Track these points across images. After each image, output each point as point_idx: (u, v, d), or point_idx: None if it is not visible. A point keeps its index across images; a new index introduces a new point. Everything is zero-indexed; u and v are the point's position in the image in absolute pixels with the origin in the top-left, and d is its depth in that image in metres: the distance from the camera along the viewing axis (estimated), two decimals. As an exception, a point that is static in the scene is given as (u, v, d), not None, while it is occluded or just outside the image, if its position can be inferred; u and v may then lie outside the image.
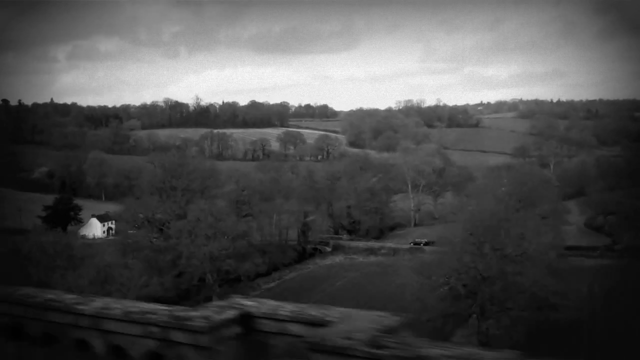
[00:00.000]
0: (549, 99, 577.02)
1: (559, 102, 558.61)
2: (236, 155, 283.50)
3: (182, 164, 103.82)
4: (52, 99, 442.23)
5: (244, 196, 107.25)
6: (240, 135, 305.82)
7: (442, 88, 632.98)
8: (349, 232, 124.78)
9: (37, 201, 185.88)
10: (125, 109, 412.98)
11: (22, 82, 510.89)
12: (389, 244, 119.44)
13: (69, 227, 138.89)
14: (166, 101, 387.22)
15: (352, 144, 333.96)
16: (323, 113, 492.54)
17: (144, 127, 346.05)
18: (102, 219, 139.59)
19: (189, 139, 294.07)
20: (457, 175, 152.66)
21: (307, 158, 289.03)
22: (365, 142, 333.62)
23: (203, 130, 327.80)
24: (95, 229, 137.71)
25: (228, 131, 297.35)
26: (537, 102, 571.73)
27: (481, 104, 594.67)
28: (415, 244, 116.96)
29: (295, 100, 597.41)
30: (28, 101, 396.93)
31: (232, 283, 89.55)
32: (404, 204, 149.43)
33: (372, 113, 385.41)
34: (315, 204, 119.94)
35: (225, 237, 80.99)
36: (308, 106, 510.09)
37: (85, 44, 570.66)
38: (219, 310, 4.84)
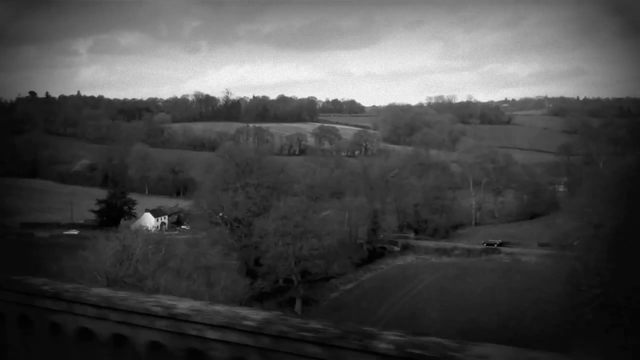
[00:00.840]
0: (574, 97, 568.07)
1: (585, 100, 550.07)
2: (272, 150, 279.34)
3: (255, 158, 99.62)
4: (78, 92, 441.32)
5: (316, 192, 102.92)
6: (273, 130, 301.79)
7: (462, 85, 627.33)
8: (415, 231, 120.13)
9: (81, 194, 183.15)
10: (153, 102, 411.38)
11: (44, 75, 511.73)
12: (460, 243, 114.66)
13: (122, 222, 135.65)
14: (197, 95, 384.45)
15: (386, 139, 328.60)
16: (350, 108, 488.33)
17: (174, 121, 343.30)
18: (156, 213, 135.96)
19: (224, 133, 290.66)
20: (518, 174, 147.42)
21: (344, 153, 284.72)
22: (400, 138, 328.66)
23: (235, 124, 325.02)
24: (149, 223, 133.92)
25: (264, 125, 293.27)
26: (563, 100, 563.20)
27: (506, 101, 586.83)
28: (489, 244, 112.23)
29: (316, 95, 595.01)
30: (52, 94, 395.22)
31: (311, 284, 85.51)
32: (462, 202, 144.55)
33: (405, 109, 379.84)
34: (379, 201, 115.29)
35: (313, 236, 76.64)
36: (335, 101, 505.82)
37: (106, 37, 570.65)
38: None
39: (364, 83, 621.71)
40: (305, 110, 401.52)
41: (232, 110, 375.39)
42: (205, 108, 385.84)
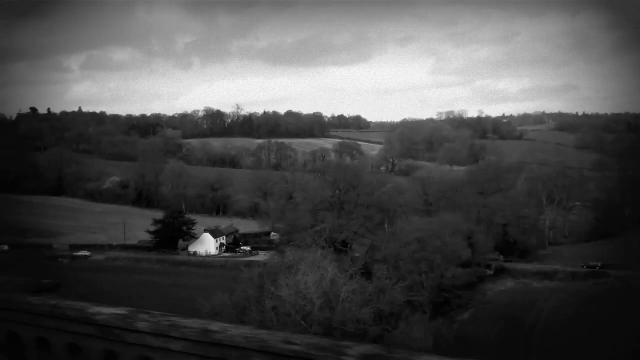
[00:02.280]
0: (569, 112, 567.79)
1: (584, 115, 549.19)
2: (295, 165, 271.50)
3: (354, 174, 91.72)
4: (80, 108, 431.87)
5: (407, 210, 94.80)
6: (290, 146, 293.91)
7: (453, 101, 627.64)
8: (502, 252, 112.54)
9: (115, 212, 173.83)
10: (156, 117, 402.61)
11: (34, 92, 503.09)
12: (557, 266, 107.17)
13: (180, 243, 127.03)
14: (207, 110, 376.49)
15: (403, 155, 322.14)
16: (357, 124, 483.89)
17: (184, 137, 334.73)
18: (214, 233, 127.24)
19: (244, 149, 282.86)
20: (589, 190, 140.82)
21: (369, 170, 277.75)
22: (418, 154, 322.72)
23: (248, 140, 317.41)
24: (208, 245, 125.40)
25: (278, 140, 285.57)
26: (561, 115, 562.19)
27: (504, 117, 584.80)
28: (589, 266, 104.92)
29: (307, 111, 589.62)
30: (43, 110, 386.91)
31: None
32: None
33: (420, 124, 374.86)
34: (473, 220, 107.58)
35: (452, 263, 68.72)
36: (341, 117, 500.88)
37: (98, 53, 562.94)
38: None
39: (356, 98, 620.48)
40: (316, 125, 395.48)
41: (244, 125, 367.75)
42: (214, 123, 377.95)
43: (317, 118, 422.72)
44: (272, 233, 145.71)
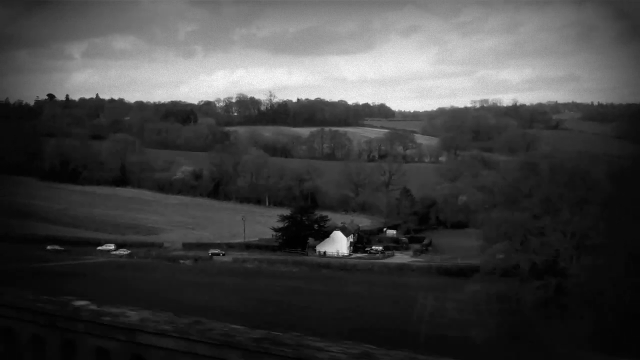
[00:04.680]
0: (588, 102, 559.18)
1: (599, 105, 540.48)
2: (349, 155, 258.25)
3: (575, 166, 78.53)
4: (97, 95, 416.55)
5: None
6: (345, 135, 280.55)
7: (456, 91, 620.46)
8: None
9: (195, 206, 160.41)
10: (175, 104, 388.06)
11: (36, 80, 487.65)
12: None
13: (309, 242, 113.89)
14: (240, 97, 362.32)
15: (447, 145, 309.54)
16: (381, 112, 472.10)
17: (218, 124, 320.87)
18: (346, 232, 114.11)
19: (295, 137, 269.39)
20: None
21: (427, 159, 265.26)
22: (462, 144, 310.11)
23: (283, 129, 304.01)
24: (340, 244, 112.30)
25: (341, 129, 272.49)
26: (575, 105, 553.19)
27: (516, 105, 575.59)
28: None
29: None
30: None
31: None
32: None
33: (462, 112, 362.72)
34: None
35: None
36: (366, 105, 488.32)
37: (101, 41, 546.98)
38: None
39: (358, 88, 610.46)
40: (351, 113, 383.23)
41: (278, 113, 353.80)
42: (246, 111, 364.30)
43: (346, 106, 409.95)
44: (388, 230, 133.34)
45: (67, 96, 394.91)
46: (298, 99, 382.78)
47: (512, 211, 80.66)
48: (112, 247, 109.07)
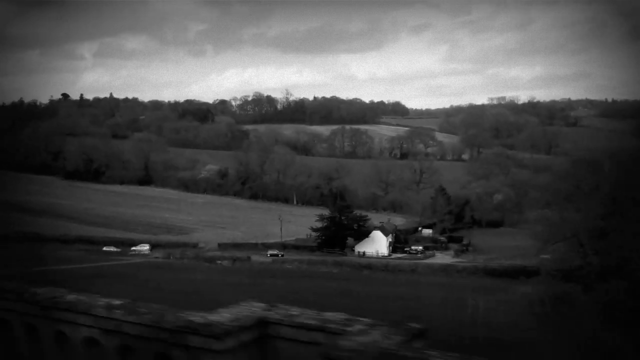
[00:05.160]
0: (601, 99, 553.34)
1: (614, 101, 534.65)
2: (371, 153, 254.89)
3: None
4: (111, 94, 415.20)
5: None
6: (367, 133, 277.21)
7: (466, 89, 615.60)
8: None
9: (222, 205, 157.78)
10: (190, 103, 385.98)
11: (47, 80, 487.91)
12: None
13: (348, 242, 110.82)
14: (257, 95, 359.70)
15: (467, 142, 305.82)
16: (397, 110, 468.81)
17: (237, 122, 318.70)
18: (385, 231, 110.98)
19: (315, 135, 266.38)
20: None
21: (449, 157, 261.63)
22: (485, 141, 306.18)
23: (301, 127, 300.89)
24: (379, 244, 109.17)
25: (362, 127, 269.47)
26: (590, 102, 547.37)
27: (530, 103, 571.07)
28: None
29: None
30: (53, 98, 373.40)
31: None
32: None
33: (479, 110, 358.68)
34: None
35: None
36: (380, 103, 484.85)
37: (112, 41, 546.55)
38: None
39: (368, 86, 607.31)
40: (368, 111, 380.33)
41: (295, 111, 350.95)
42: (260, 109, 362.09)
43: (361, 104, 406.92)
44: (424, 229, 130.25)
45: (81, 95, 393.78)
46: (314, 97, 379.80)
47: (568, 211, 77.53)
48: (146, 247, 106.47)
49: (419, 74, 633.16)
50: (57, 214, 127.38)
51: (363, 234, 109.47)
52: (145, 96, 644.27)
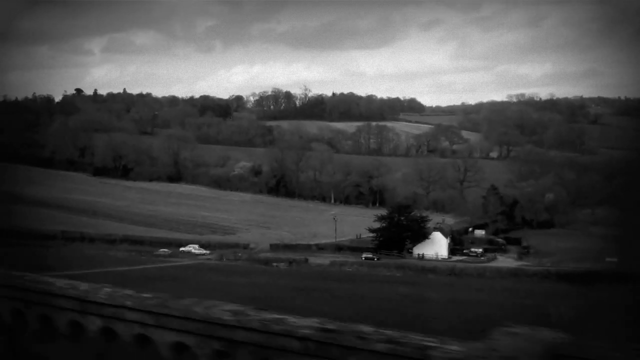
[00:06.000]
0: (615, 97, 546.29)
1: (627, 99, 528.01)
2: (397, 151, 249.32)
3: None
4: (124, 89, 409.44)
5: None
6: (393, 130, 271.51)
7: (475, 86, 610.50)
8: None
9: (258, 203, 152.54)
10: (206, 99, 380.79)
11: (56, 75, 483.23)
12: None
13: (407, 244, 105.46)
14: (275, 91, 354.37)
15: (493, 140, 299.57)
16: (413, 107, 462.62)
17: (258, 118, 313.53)
18: (444, 232, 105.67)
19: (340, 131, 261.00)
20: None
21: (477, 155, 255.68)
22: (514, 139, 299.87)
23: (320, 123, 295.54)
24: (439, 246, 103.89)
25: (389, 124, 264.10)
26: (603, 100, 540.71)
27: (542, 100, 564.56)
28: None
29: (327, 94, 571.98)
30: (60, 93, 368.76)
31: None
32: None
33: (502, 107, 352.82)
34: None
35: None
36: (397, 99, 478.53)
37: (121, 36, 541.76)
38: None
39: (378, 82, 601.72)
40: (387, 108, 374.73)
41: (314, 108, 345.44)
42: (278, 105, 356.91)
43: (380, 101, 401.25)
44: (476, 230, 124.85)
45: (95, 91, 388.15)
46: (333, 93, 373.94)
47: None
48: (196, 247, 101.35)
49: (428, 71, 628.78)
50: (95, 212, 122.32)
51: (422, 235, 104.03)
52: (155, 92, 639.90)
